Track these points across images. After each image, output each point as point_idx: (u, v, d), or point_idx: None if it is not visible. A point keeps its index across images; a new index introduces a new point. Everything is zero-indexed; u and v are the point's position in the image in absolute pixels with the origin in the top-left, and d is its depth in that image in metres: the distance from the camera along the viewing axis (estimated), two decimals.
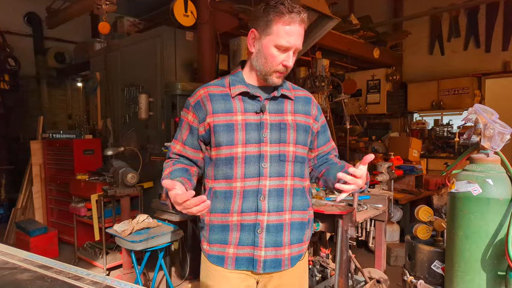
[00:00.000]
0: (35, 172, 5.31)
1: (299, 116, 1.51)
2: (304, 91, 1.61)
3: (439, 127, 7.41)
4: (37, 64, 7.56)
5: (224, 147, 1.43)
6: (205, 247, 1.52)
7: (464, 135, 1.44)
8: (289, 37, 1.37)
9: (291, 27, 1.37)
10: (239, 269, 1.46)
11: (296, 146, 1.48)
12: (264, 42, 1.40)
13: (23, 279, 1.19)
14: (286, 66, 1.42)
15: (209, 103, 1.46)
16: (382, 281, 2.74)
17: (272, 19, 1.36)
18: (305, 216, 1.53)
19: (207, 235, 1.51)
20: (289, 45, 1.39)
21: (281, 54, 1.40)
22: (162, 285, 3.61)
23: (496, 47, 6.68)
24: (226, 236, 1.46)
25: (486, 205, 1.31)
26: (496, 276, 1.32)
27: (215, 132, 1.44)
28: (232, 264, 1.45)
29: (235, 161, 1.43)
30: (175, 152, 1.56)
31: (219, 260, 1.47)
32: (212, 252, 1.49)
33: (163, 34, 4.36)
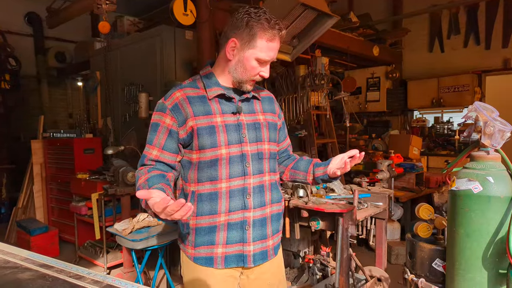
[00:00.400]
0: (36, 171, 5.31)
1: (268, 115, 1.60)
2: (266, 91, 1.70)
3: (440, 124, 7.40)
4: (37, 64, 7.57)
5: (209, 150, 1.45)
6: (189, 251, 1.53)
7: (464, 133, 1.44)
8: (270, 52, 1.43)
9: (273, 43, 1.43)
10: (229, 266, 1.50)
11: (270, 144, 1.57)
12: (246, 55, 1.43)
13: (24, 278, 1.19)
14: (263, 76, 1.49)
15: (188, 106, 1.46)
16: (383, 279, 2.74)
17: (256, 33, 1.39)
18: (280, 208, 1.63)
19: (192, 238, 1.52)
20: (269, 59, 1.46)
21: (260, 66, 1.46)
22: (162, 283, 3.62)
23: (496, 44, 6.66)
24: (213, 237, 1.48)
25: (487, 203, 1.31)
26: (497, 274, 1.32)
27: (199, 135, 1.45)
28: (221, 263, 1.49)
29: (220, 162, 1.46)
30: (151, 158, 1.50)
31: (207, 261, 1.50)
32: (199, 255, 1.51)
33: (162, 33, 4.36)
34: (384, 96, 7.63)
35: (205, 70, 1.56)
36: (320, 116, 5.47)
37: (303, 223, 2.59)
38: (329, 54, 6.04)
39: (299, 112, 4.88)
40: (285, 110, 4.82)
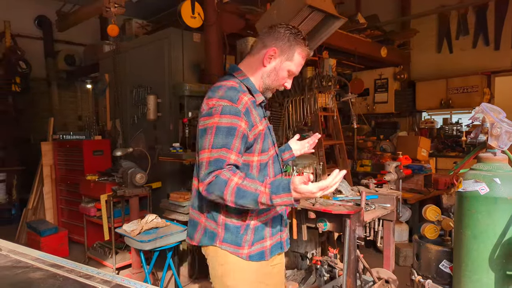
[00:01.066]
0: (46, 173, 5.38)
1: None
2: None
3: (448, 125, 7.34)
4: (47, 67, 7.67)
5: (266, 152, 1.61)
6: (245, 251, 1.56)
7: (471, 134, 1.43)
8: (299, 67, 1.62)
9: (303, 60, 1.62)
10: (273, 255, 1.64)
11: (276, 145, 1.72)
12: (283, 65, 1.58)
13: (35, 277, 1.21)
14: (285, 87, 1.67)
15: (254, 110, 1.56)
16: (391, 281, 2.72)
17: (296, 49, 1.57)
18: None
19: (251, 238, 1.57)
20: (297, 73, 1.64)
21: (287, 78, 1.63)
22: (170, 284, 3.64)
23: (505, 45, 6.59)
24: (264, 232, 1.61)
25: (494, 204, 1.31)
26: (505, 276, 1.31)
27: (264, 139, 1.58)
28: (268, 254, 1.62)
29: (269, 162, 1.62)
30: (230, 163, 1.46)
31: (260, 256, 1.59)
32: (254, 251, 1.58)
33: (170, 35, 4.40)
34: (392, 97, 7.59)
35: (242, 74, 1.62)
36: (328, 118, 5.47)
37: (310, 224, 2.59)
38: (336, 56, 6.03)
39: (306, 113, 4.88)
40: (293, 111, 4.83)
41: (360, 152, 6.54)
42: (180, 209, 3.55)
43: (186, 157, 3.75)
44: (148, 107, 4.43)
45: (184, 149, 3.82)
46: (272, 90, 1.66)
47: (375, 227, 2.91)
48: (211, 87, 1.59)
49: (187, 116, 3.94)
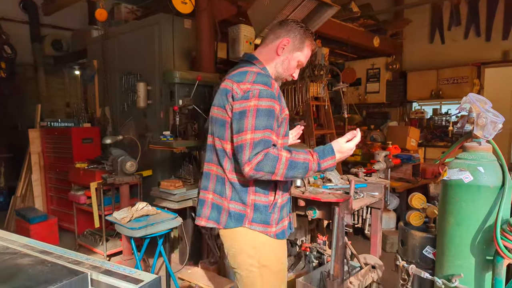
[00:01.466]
0: (34, 160, 5.33)
1: None
2: None
3: (438, 116, 7.42)
4: (34, 52, 7.50)
5: (287, 137, 1.75)
6: (273, 230, 1.68)
7: (457, 124, 1.46)
8: (307, 59, 1.78)
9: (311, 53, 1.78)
10: (289, 233, 1.78)
11: None
12: (294, 55, 1.72)
13: (23, 263, 1.21)
14: (293, 78, 1.79)
15: (280, 94, 1.67)
16: (377, 266, 2.78)
17: (305, 41, 1.72)
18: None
19: (277, 216, 1.70)
20: (303, 65, 1.77)
21: (295, 68, 1.76)
22: (161, 271, 3.67)
23: (496, 36, 6.64)
24: (283, 211, 1.74)
25: (477, 192, 1.34)
26: (485, 261, 1.35)
27: (287, 124, 1.73)
28: (287, 233, 1.76)
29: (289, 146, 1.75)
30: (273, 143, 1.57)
31: (283, 234, 1.73)
32: (280, 229, 1.71)
33: (161, 21, 4.33)
34: (383, 87, 7.63)
35: (260, 63, 1.73)
36: (319, 107, 5.48)
37: (300, 212, 2.62)
38: (329, 45, 6.02)
39: (298, 102, 4.89)
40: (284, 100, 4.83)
41: None
42: (170, 197, 3.56)
43: (177, 145, 3.74)
44: (138, 94, 4.39)
45: (174, 137, 3.81)
46: (282, 80, 1.78)
47: (363, 215, 2.96)
48: (234, 72, 1.68)
49: (178, 104, 3.92)
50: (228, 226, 1.66)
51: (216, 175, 1.72)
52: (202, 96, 4.11)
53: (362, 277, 2.64)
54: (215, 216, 1.71)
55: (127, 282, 1.12)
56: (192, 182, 3.78)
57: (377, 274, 2.75)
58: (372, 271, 2.73)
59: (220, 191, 1.69)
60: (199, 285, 3.04)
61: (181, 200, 3.55)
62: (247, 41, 4.33)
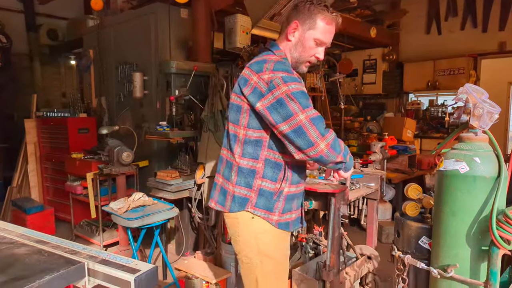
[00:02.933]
0: (30, 151, 5.30)
1: None
2: None
3: (434, 107, 7.44)
4: (29, 41, 7.42)
5: None
6: (275, 218, 1.68)
7: (454, 115, 1.46)
8: (327, 34, 1.64)
9: (331, 26, 1.63)
10: (294, 228, 1.78)
11: None
12: (306, 35, 1.63)
13: (20, 253, 1.22)
14: (318, 58, 1.67)
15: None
16: (373, 257, 2.80)
17: (317, 16, 1.60)
18: None
19: (282, 205, 1.69)
20: (325, 41, 1.65)
21: (316, 47, 1.65)
22: (158, 261, 3.68)
23: (493, 27, 6.63)
24: (292, 204, 1.73)
25: (473, 183, 1.34)
26: (480, 251, 1.36)
27: None
28: (292, 226, 1.75)
29: None
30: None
31: (286, 226, 1.72)
32: (282, 220, 1.70)
33: (157, 11, 4.29)
34: (380, 78, 7.62)
35: (280, 53, 1.68)
36: (316, 98, 5.48)
37: None
38: None
39: None
40: None
41: (347, 132, 6.60)
42: (167, 187, 3.56)
43: (173, 136, 3.73)
44: (134, 84, 4.35)
45: (171, 128, 3.79)
46: (305, 64, 1.70)
47: (359, 206, 2.98)
48: (253, 61, 1.65)
49: (174, 94, 3.90)
50: (232, 210, 1.69)
51: (226, 160, 1.75)
52: (199, 86, 4.09)
53: (358, 267, 2.67)
54: (221, 200, 1.74)
55: (124, 272, 1.12)
56: (188, 173, 3.78)
57: (373, 264, 2.77)
58: (368, 262, 2.75)
59: (227, 175, 1.72)
60: (196, 275, 3.06)
61: (177, 190, 3.55)
62: (244, 31, 4.30)
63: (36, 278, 1.01)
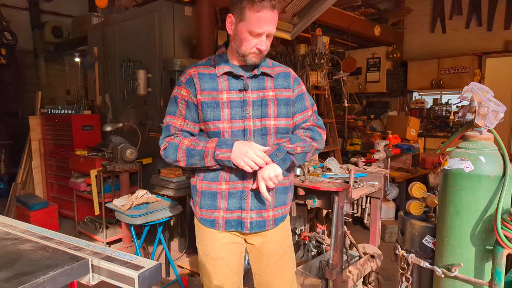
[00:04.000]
0: (34, 148, 5.33)
1: (279, 91, 1.64)
2: (283, 67, 1.73)
3: (438, 106, 7.40)
4: (34, 39, 7.46)
5: (211, 122, 1.58)
6: (197, 211, 1.70)
7: (459, 113, 1.45)
8: (260, 23, 1.47)
9: (262, 13, 1.45)
10: (229, 230, 1.65)
11: (278, 119, 1.62)
12: (239, 28, 1.51)
13: (25, 249, 1.22)
14: (259, 49, 1.52)
15: (197, 81, 1.59)
16: (376, 256, 2.80)
17: (245, 6, 1.46)
18: (286, 182, 1.70)
19: (198, 200, 1.66)
20: (261, 31, 1.49)
21: (254, 39, 1.51)
22: (161, 259, 3.70)
23: (498, 26, 6.58)
24: (215, 202, 1.63)
25: (478, 181, 1.34)
26: (485, 250, 1.36)
27: (202, 109, 1.58)
28: (222, 226, 1.64)
29: (222, 135, 1.58)
30: (176, 127, 1.63)
31: (210, 223, 1.66)
32: (204, 216, 1.67)
33: (161, 8, 4.29)
34: (384, 77, 7.59)
35: (220, 50, 1.66)
36: (319, 96, 5.46)
37: (299, 201, 2.63)
38: (330, 33, 5.97)
39: None
40: None
41: (350, 131, 6.58)
42: (170, 185, 3.56)
43: None
44: (138, 82, 4.37)
45: None
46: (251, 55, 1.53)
47: (363, 204, 2.97)
48: None
49: None
50: None
51: None
52: None
53: (361, 266, 2.66)
54: None
55: (128, 268, 1.13)
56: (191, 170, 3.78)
57: (376, 263, 2.77)
58: (371, 261, 2.75)
59: None
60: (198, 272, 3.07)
61: (180, 188, 3.56)
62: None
63: (41, 274, 1.01)
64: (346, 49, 7.58)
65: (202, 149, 1.53)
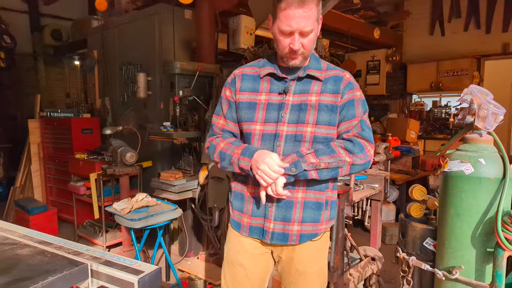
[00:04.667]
0: (34, 151, 5.32)
1: (325, 96, 1.51)
2: (339, 70, 1.60)
3: (437, 108, 7.41)
4: (33, 42, 7.46)
5: (244, 123, 1.58)
6: (231, 212, 1.69)
7: (459, 116, 1.45)
8: (288, 21, 1.41)
9: (289, 11, 1.39)
10: (252, 236, 1.61)
11: (317, 127, 1.50)
12: (274, 29, 1.49)
13: (23, 254, 1.21)
14: (292, 49, 1.44)
15: (239, 81, 1.60)
16: (377, 258, 2.79)
17: (277, 5, 1.43)
18: (321, 197, 1.57)
19: (232, 200, 1.69)
20: (290, 29, 1.42)
21: (286, 38, 1.45)
22: (161, 262, 3.68)
23: (496, 28, 6.60)
24: (243, 205, 1.63)
25: (478, 184, 1.33)
26: (485, 253, 1.35)
27: (239, 109, 1.59)
28: (246, 231, 1.62)
29: (253, 137, 1.56)
30: (219, 127, 1.65)
31: (237, 226, 1.65)
32: (234, 218, 1.67)
33: (161, 11, 4.29)
34: (383, 79, 7.59)
35: (273, 51, 1.68)
36: None
37: None
38: (329, 36, 5.98)
39: None
40: None
41: None
42: (170, 188, 3.56)
43: (177, 136, 3.73)
44: (138, 85, 4.36)
45: (175, 128, 3.80)
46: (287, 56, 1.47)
47: (363, 207, 2.97)
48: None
49: (178, 95, 3.90)
50: None
51: None
52: (203, 87, 4.09)
53: (362, 269, 2.65)
54: None
55: (128, 273, 1.12)
56: (192, 173, 3.77)
57: (376, 266, 2.76)
58: (371, 263, 2.74)
59: None
60: (199, 276, 3.06)
61: (181, 191, 3.55)
62: (248, 32, 4.30)
63: (40, 279, 1.00)
64: (346, 51, 7.59)
65: (231, 154, 1.53)
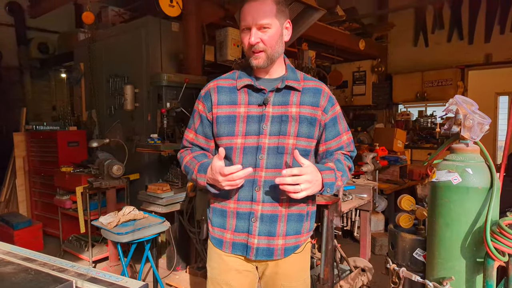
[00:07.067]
0: (19, 165, 5.22)
1: (304, 108, 1.48)
2: (316, 82, 1.57)
3: (423, 118, 7.53)
4: (19, 55, 7.37)
5: (225, 138, 1.50)
6: (210, 229, 1.62)
7: (445, 126, 1.47)
8: (244, 16, 1.42)
9: (245, 6, 1.41)
10: (235, 253, 1.54)
11: (297, 139, 1.47)
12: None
13: (6, 271, 1.17)
14: (250, 43, 1.41)
15: (215, 94, 1.52)
16: (367, 269, 2.79)
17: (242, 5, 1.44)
18: (303, 209, 1.54)
19: (210, 216, 1.61)
20: (247, 24, 1.41)
21: (246, 35, 1.43)
22: (149, 277, 3.61)
23: (478, 39, 6.78)
24: (225, 221, 1.55)
25: (466, 193, 1.35)
26: (476, 263, 1.36)
27: (217, 123, 1.51)
28: (229, 248, 1.54)
29: (234, 151, 1.49)
30: (188, 140, 1.63)
31: (219, 243, 1.57)
32: (214, 234, 1.59)
33: (148, 24, 4.30)
34: (369, 90, 7.70)
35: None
36: None
37: None
38: (315, 48, 6.05)
39: None
40: None
41: None
42: (158, 201, 3.51)
43: (164, 148, 3.70)
44: (125, 97, 4.33)
45: (162, 140, 3.77)
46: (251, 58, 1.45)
47: (352, 217, 2.97)
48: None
49: (165, 107, 3.88)
50: None
51: None
52: (190, 98, 4.08)
53: (352, 280, 2.65)
54: None
55: None
56: (179, 186, 3.74)
57: (367, 277, 2.76)
58: (362, 274, 2.74)
59: None
60: None
61: (168, 204, 3.51)
62: (235, 44, 4.32)
63: None
64: (332, 63, 7.69)
65: (192, 170, 1.50)
